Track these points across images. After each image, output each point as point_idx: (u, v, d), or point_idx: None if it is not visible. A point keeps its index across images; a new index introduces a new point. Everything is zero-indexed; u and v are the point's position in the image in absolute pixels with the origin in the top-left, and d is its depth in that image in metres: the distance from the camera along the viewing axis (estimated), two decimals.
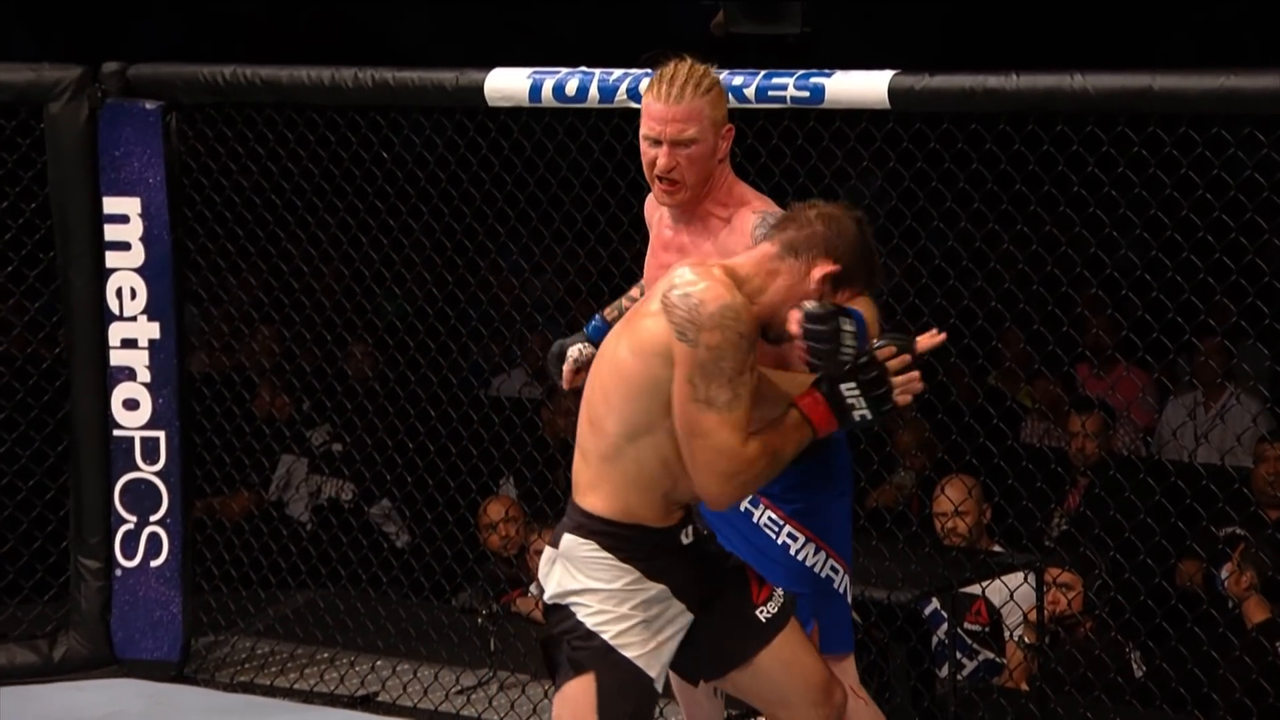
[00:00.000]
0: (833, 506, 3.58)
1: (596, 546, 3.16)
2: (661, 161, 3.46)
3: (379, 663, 5.16)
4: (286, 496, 6.60)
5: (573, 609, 3.17)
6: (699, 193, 3.51)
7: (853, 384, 3.15)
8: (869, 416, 3.16)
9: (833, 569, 3.56)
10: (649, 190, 3.65)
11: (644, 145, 3.49)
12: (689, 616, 3.22)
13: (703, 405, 3.04)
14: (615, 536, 3.15)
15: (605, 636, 3.16)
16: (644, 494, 3.14)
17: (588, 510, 3.17)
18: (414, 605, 5.51)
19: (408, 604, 5.51)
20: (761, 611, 3.28)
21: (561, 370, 3.77)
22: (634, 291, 3.81)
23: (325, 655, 5.25)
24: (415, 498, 5.63)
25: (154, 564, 5.07)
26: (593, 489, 3.16)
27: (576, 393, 3.43)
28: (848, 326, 3.11)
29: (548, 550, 3.23)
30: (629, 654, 3.16)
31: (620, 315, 3.57)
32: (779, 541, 3.52)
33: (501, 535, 5.90)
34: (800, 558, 3.53)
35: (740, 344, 3.05)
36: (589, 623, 3.16)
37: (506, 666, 5.10)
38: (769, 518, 3.54)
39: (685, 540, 3.23)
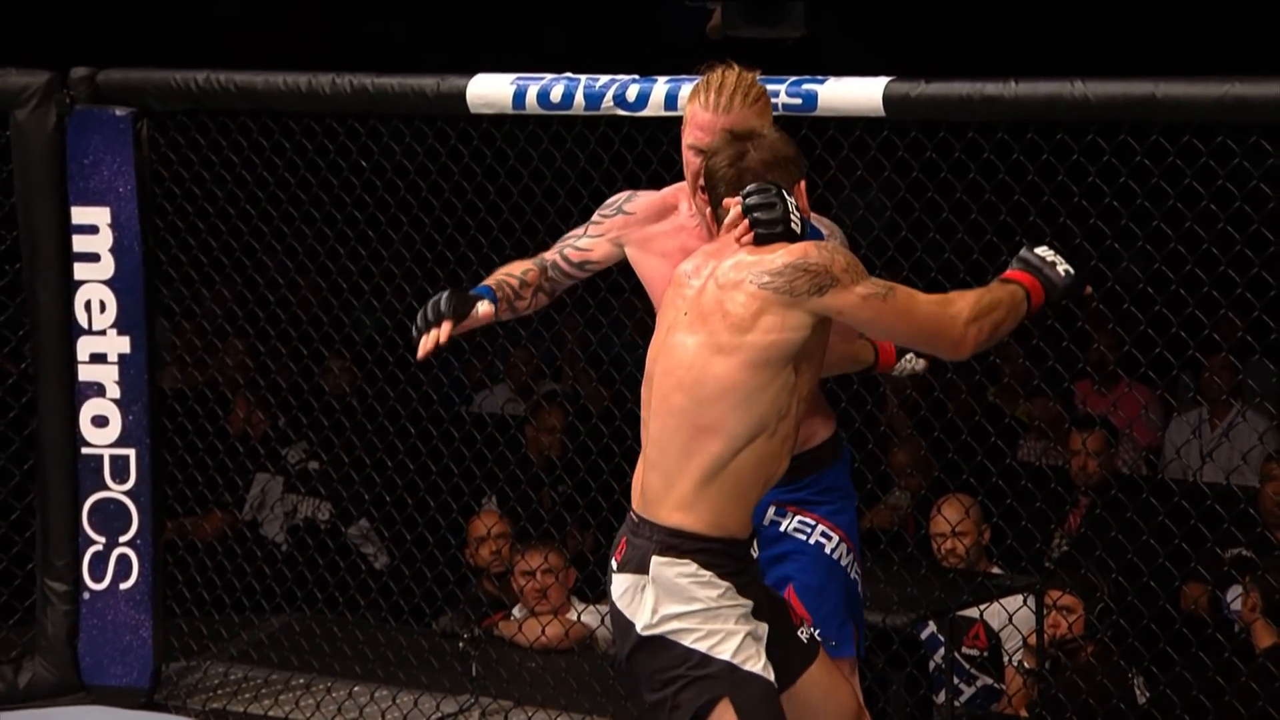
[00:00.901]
0: (852, 512, 3.55)
1: (694, 565, 3.05)
2: None
3: (357, 689, 5.09)
4: (261, 516, 6.51)
5: (675, 637, 3.05)
6: None
7: (1042, 247, 3.30)
8: (1071, 270, 3.30)
9: (858, 572, 3.53)
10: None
11: (688, 154, 3.38)
12: (765, 630, 3.13)
13: (890, 294, 3.08)
14: (710, 553, 3.06)
15: (724, 656, 3.04)
16: (740, 505, 3.09)
17: (677, 528, 3.06)
18: (393, 629, 5.45)
19: (386, 628, 5.45)
20: (803, 632, 3.25)
21: (440, 323, 3.42)
22: (514, 269, 3.61)
23: (301, 681, 5.17)
24: (394, 518, 5.57)
25: (123, 587, 4.99)
26: (685, 508, 3.06)
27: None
28: (788, 195, 3.13)
29: (627, 578, 3.09)
30: (751, 668, 3.05)
31: (504, 289, 3.49)
32: (811, 541, 3.46)
33: (492, 549, 5.78)
34: (835, 557, 3.47)
35: (846, 250, 3.13)
36: (702, 648, 3.04)
37: (489, 692, 5.04)
38: (799, 521, 3.47)
39: (754, 554, 3.18)
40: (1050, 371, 4.75)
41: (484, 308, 3.49)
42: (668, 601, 3.04)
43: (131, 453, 4.95)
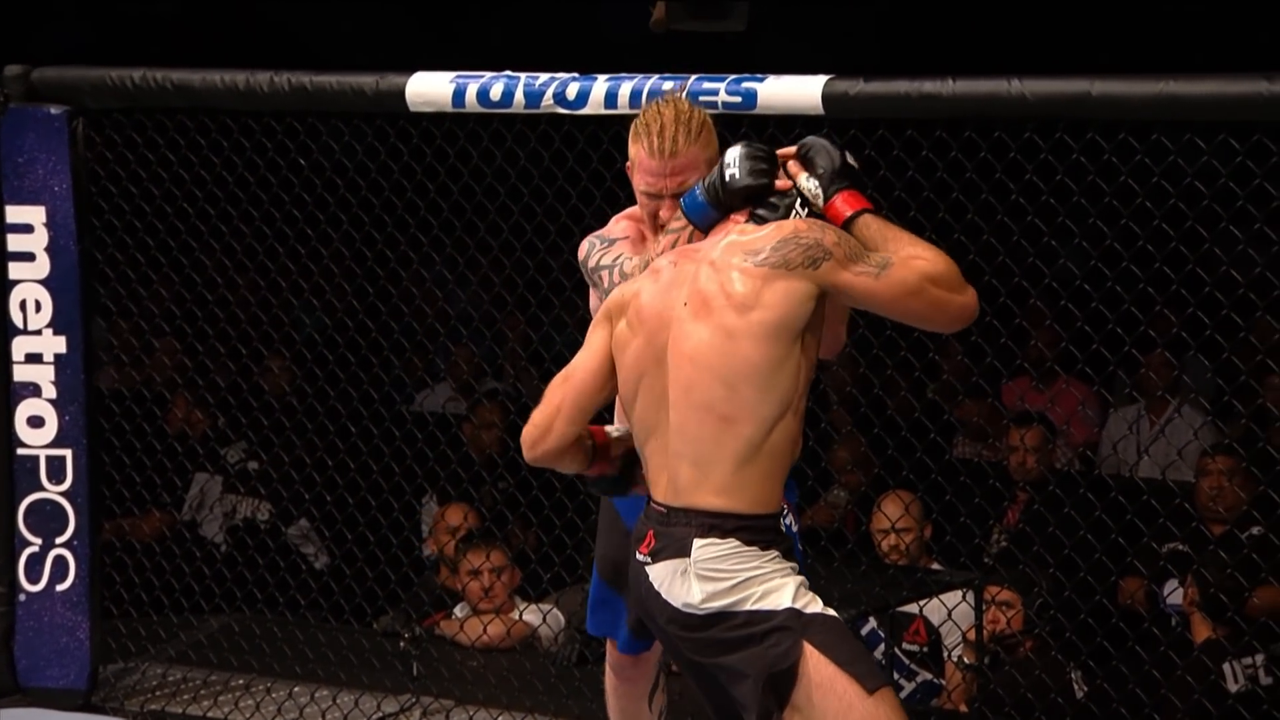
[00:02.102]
0: (793, 486, 3.52)
1: (737, 542, 3.07)
2: (664, 214, 3.37)
3: (297, 689, 5.05)
4: (200, 517, 6.46)
5: (735, 609, 3.05)
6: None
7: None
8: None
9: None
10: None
11: (641, 198, 3.40)
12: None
13: (884, 270, 3.07)
14: (750, 530, 3.08)
15: (784, 605, 3.05)
16: (776, 483, 3.11)
17: (717, 510, 3.07)
18: (333, 629, 5.44)
19: (327, 627, 5.43)
20: None
21: None
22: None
23: (240, 682, 5.14)
24: (335, 517, 5.54)
25: (60, 588, 4.94)
26: (725, 492, 3.07)
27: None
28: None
29: (666, 565, 3.09)
30: (814, 610, 3.06)
31: None
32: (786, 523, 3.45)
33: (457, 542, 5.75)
34: (794, 530, 3.45)
35: (840, 229, 3.13)
36: (765, 605, 3.05)
37: (430, 692, 5.02)
38: None
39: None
40: (989, 368, 4.77)
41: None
42: (714, 580, 3.06)
43: (68, 453, 4.91)
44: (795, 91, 4.08)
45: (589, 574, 3.84)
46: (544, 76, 4.33)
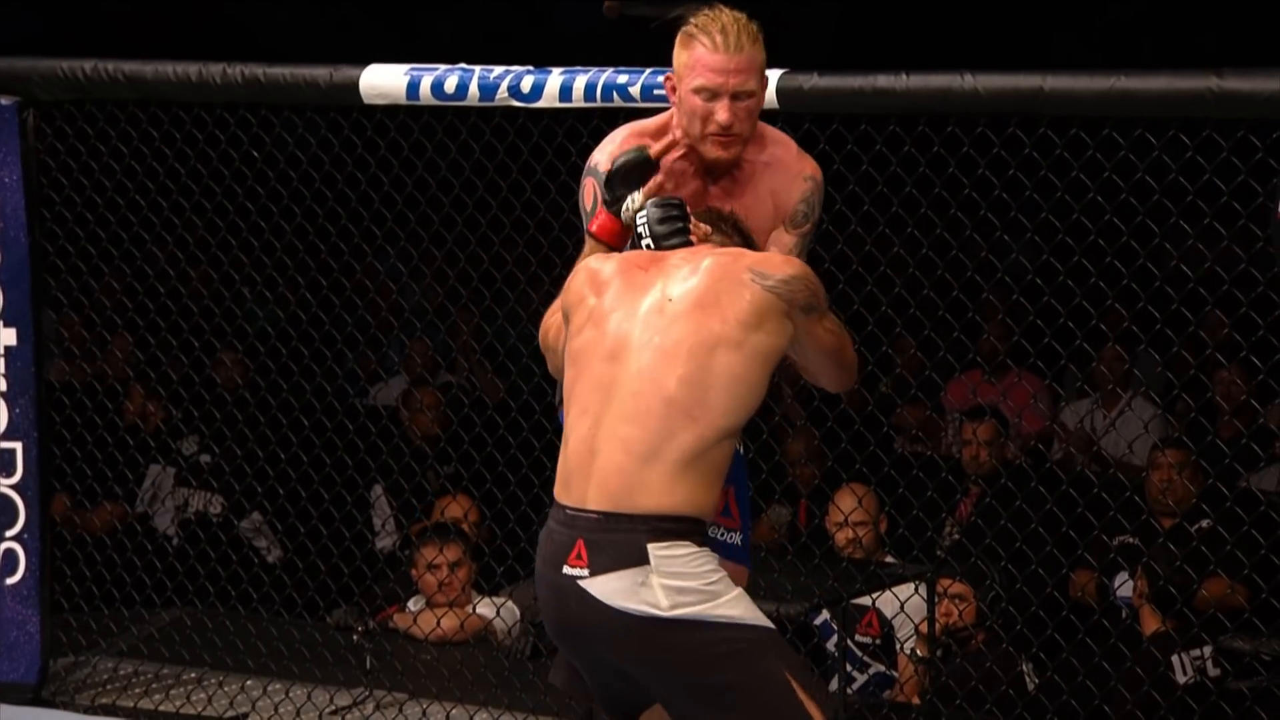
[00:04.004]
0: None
1: (691, 545, 3.02)
2: (723, 117, 3.30)
3: (249, 683, 5.03)
4: (153, 510, 6.43)
5: (705, 615, 3.00)
6: (745, 145, 3.38)
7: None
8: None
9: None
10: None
11: (695, 99, 3.31)
12: None
13: (840, 334, 3.19)
14: (699, 534, 3.04)
15: (755, 621, 3.03)
16: (713, 491, 3.06)
17: (668, 513, 3.01)
18: (286, 623, 5.39)
19: (279, 621, 5.39)
20: (734, 536, 3.36)
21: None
22: None
23: (192, 675, 5.11)
24: (287, 511, 5.51)
25: (9, 582, 4.91)
26: (669, 491, 3.01)
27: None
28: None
29: (619, 575, 2.99)
30: (769, 624, 3.05)
31: None
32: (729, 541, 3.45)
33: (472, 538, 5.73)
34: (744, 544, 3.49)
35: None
36: (737, 616, 3.01)
37: (383, 685, 4.99)
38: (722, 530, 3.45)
39: None
40: (942, 362, 4.79)
41: None
42: (682, 583, 3.00)
43: (18, 446, 4.87)
44: None
45: None
46: (498, 69, 4.32)
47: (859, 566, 4.85)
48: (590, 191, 3.43)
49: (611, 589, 3.00)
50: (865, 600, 5.03)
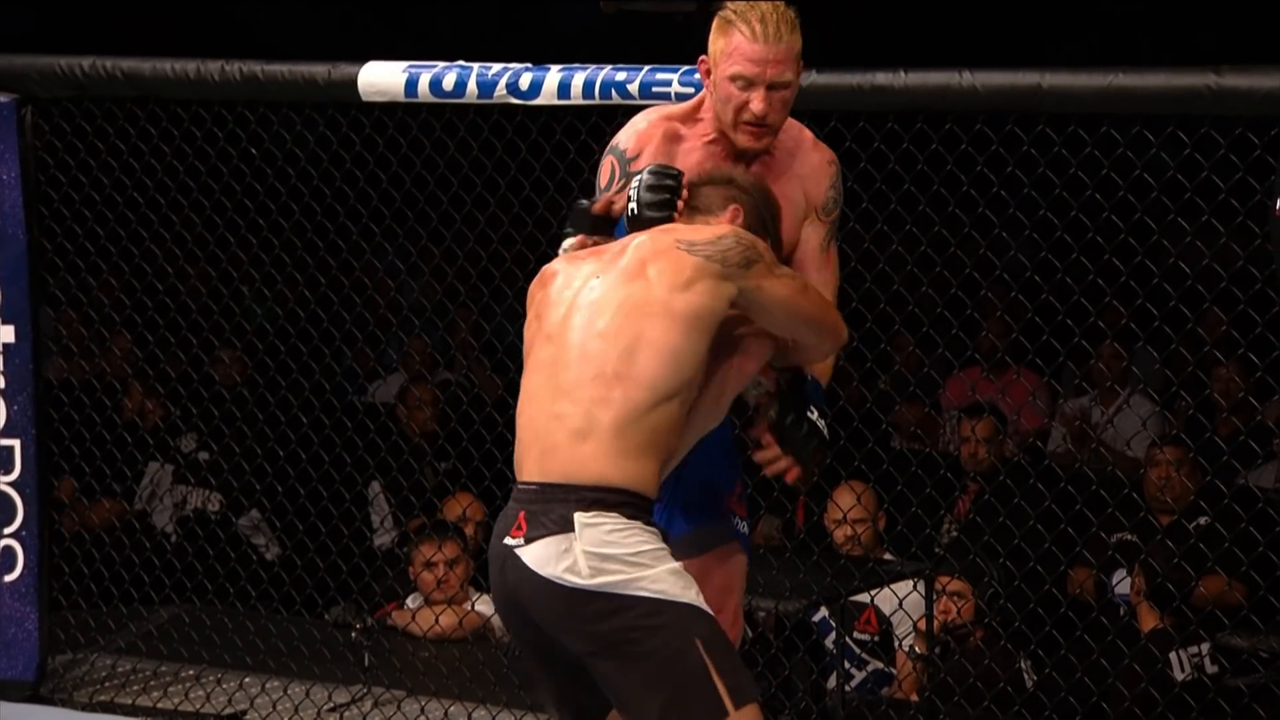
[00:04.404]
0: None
1: (620, 517, 2.99)
2: (758, 107, 3.28)
3: (247, 680, 5.03)
4: (151, 507, 6.43)
5: (621, 589, 2.97)
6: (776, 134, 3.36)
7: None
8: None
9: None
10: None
11: (730, 86, 3.29)
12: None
13: (799, 282, 3.15)
14: (633, 506, 3.01)
15: (676, 597, 2.98)
16: (653, 461, 3.03)
17: (596, 484, 3.00)
18: (284, 620, 5.40)
19: (277, 618, 5.39)
20: (741, 524, 3.41)
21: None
22: None
23: (190, 673, 5.11)
24: (286, 508, 5.50)
25: (8, 579, 4.91)
26: (601, 459, 3.00)
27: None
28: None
29: (545, 543, 2.99)
30: (699, 604, 3.01)
31: None
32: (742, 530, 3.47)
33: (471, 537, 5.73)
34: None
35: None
36: (652, 593, 2.97)
37: (381, 682, 5.00)
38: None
39: None
40: (941, 359, 4.79)
41: None
42: (602, 554, 2.98)
43: (16, 444, 4.87)
44: None
45: None
46: (497, 67, 4.32)
47: (857, 563, 4.85)
48: (607, 169, 3.42)
49: (539, 556, 3.01)
50: (864, 597, 5.03)
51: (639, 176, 3.21)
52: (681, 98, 4.13)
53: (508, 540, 3.05)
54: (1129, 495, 4.95)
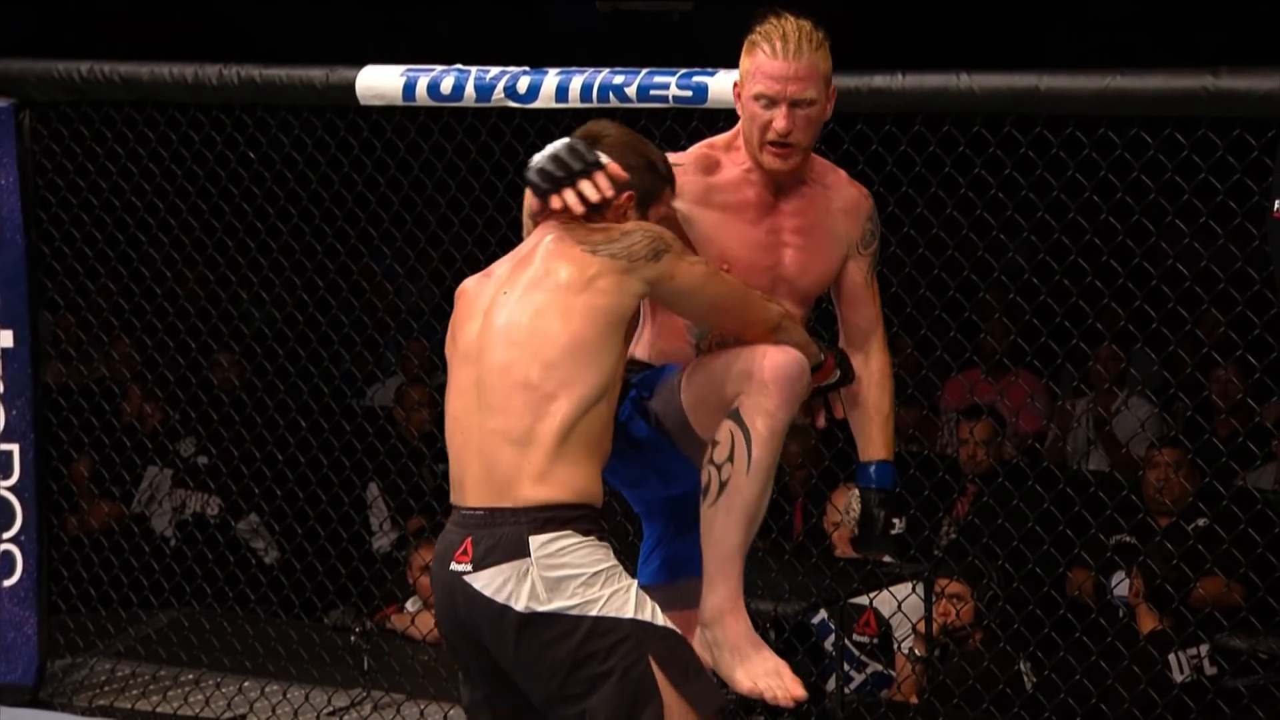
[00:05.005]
0: None
1: (573, 533, 2.98)
2: (780, 124, 3.25)
3: (247, 684, 5.04)
4: (150, 511, 6.43)
5: (576, 611, 2.96)
6: (806, 158, 3.33)
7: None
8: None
9: None
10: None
11: (754, 106, 3.27)
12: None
13: (718, 279, 3.11)
14: (585, 520, 3.00)
15: (629, 615, 2.98)
16: (593, 469, 3.02)
17: (545, 503, 2.98)
18: (283, 623, 5.41)
19: (277, 622, 5.40)
20: None
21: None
22: None
23: (190, 676, 5.12)
24: (284, 512, 5.51)
25: (7, 583, 4.91)
26: (545, 479, 2.99)
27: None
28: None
29: (498, 570, 2.98)
30: (657, 621, 2.99)
31: None
32: None
33: None
34: None
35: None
36: (607, 613, 2.97)
37: (380, 685, 5.01)
38: None
39: None
40: (939, 361, 4.79)
41: None
42: (558, 576, 2.97)
43: (15, 448, 4.88)
44: None
45: None
46: (495, 70, 4.32)
47: (856, 566, 4.85)
48: None
49: (492, 581, 2.99)
50: (863, 599, 5.03)
51: (556, 143, 3.14)
52: (679, 101, 4.13)
53: (455, 566, 3.03)
54: (1127, 497, 4.95)
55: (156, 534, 6.31)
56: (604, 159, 3.11)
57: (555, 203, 3.09)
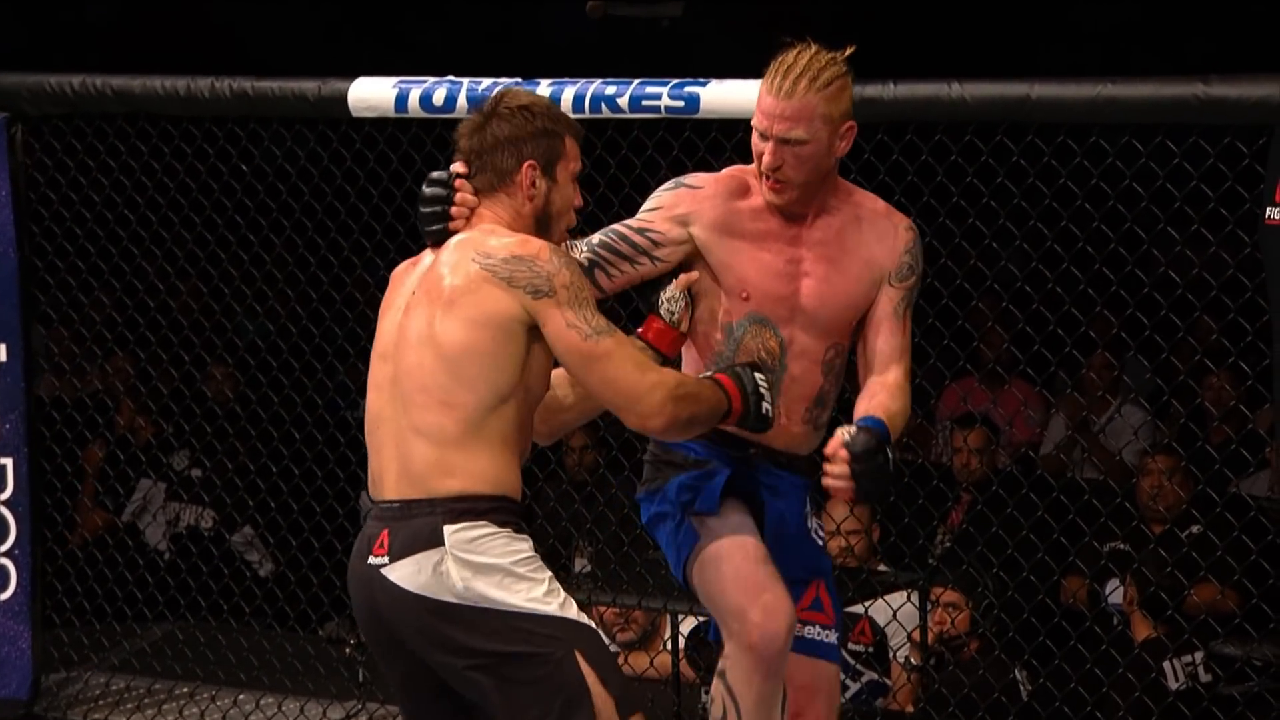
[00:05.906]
0: None
1: (490, 525, 2.98)
2: (766, 159, 3.25)
3: (241, 696, 5.03)
4: (143, 523, 6.42)
5: (497, 602, 2.95)
6: (810, 192, 3.29)
7: (759, 374, 3.19)
8: (769, 408, 3.17)
9: None
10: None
11: (754, 135, 3.28)
12: None
13: (594, 336, 3.03)
14: (501, 511, 3.00)
15: (554, 611, 2.97)
16: (509, 461, 3.02)
17: (460, 494, 2.98)
18: (278, 636, 5.39)
19: (271, 635, 5.39)
20: (827, 634, 3.43)
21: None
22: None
23: (185, 690, 5.12)
24: (279, 524, 5.50)
25: (1, 598, 4.90)
26: (459, 470, 2.99)
27: None
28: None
29: (413, 560, 2.96)
30: (580, 618, 2.99)
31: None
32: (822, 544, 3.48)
33: None
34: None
35: (580, 271, 3.11)
36: (529, 606, 2.96)
37: (375, 698, 5.00)
38: (818, 525, 3.46)
39: None
40: (932, 370, 4.79)
41: None
42: (475, 566, 2.95)
43: (9, 462, 4.87)
44: (738, 95, 4.08)
45: None
46: (487, 81, 4.32)
47: (851, 574, 4.85)
48: (669, 196, 3.38)
49: (408, 573, 2.98)
50: (858, 608, 5.02)
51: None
52: (671, 111, 4.15)
53: (372, 560, 3.01)
54: (1121, 504, 4.95)
55: (150, 547, 6.30)
56: (455, 168, 3.19)
57: (456, 226, 3.15)
